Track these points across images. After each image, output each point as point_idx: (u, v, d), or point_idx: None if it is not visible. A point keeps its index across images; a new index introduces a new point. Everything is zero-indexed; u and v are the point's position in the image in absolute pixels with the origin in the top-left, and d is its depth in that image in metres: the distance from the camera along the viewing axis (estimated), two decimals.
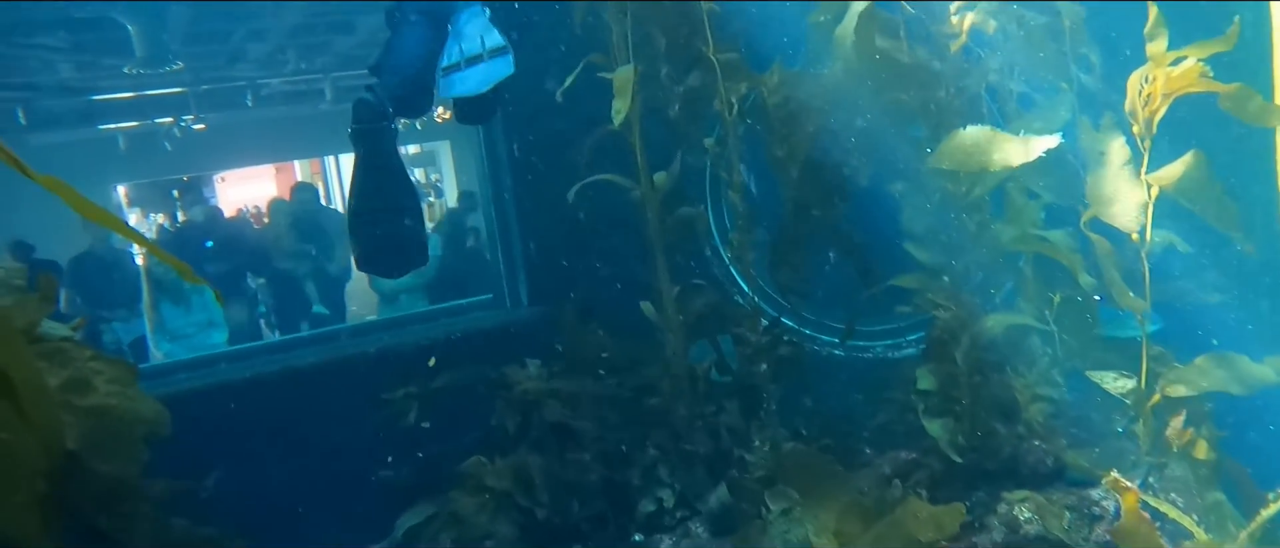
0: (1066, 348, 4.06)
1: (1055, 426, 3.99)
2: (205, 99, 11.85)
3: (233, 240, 8.25)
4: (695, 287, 4.57)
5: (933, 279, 3.90)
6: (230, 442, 4.55)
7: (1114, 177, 3.36)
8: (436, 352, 5.20)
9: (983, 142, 3.45)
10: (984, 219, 3.82)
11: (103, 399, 2.99)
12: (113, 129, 14.19)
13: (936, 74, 3.77)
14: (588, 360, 4.90)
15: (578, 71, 4.20)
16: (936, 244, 3.87)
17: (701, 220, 4.49)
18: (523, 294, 5.77)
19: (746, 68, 4.11)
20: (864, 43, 3.65)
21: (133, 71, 8.79)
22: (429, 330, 5.59)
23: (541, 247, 5.62)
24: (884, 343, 5.52)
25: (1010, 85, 4.09)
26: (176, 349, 6.95)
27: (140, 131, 14.33)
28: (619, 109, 3.86)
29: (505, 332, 5.53)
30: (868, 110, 3.85)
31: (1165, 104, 3.25)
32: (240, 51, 11.18)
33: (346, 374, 5.08)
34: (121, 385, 3.13)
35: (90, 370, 3.07)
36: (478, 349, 5.23)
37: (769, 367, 4.26)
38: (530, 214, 5.58)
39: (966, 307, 3.79)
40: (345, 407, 4.89)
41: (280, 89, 13.19)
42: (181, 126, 12.78)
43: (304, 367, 5.10)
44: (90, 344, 6.98)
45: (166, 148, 14.03)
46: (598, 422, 4.56)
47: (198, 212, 7.96)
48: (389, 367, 5.06)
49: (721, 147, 4.20)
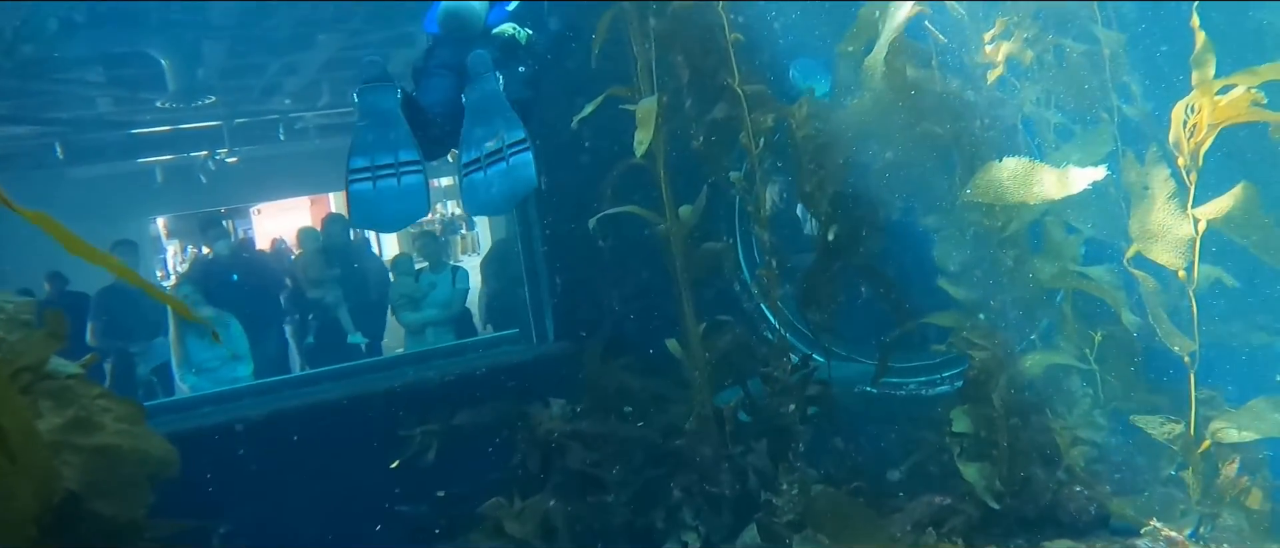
0: (1109, 389, 3.89)
1: (1098, 470, 3.81)
2: (239, 132, 11.96)
3: (259, 273, 8.25)
4: (722, 324, 4.44)
5: (968, 317, 3.74)
6: (248, 478, 4.52)
7: (1159, 211, 3.21)
8: (461, 387, 5.14)
9: (1021, 174, 3.32)
10: (1021, 254, 3.68)
11: (108, 438, 2.92)
12: (149, 162, 14.36)
13: (970, 104, 3.64)
14: (612, 398, 4.79)
15: (599, 102, 4.11)
16: (972, 281, 3.72)
17: (729, 255, 4.38)
18: (549, 329, 5.68)
19: (773, 99, 4.00)
20: (894, 73, 3.53)
21: (166, 105, 8.87)
22: (454, 365, 5.52)
23: (569, 281, 5.55)
24: (918, 380, 5.36)
25: (1047, 116, 3.96)
26: (201, 383, 6.92)
27: (176, 164, 14.48)
28: (641, 140, 3.78)
29: (532, 367, 5.44)
30: (899, 142, 3.72)
31: (1211, 135, 3.10)
32: (275, 85, 11.28)
33: (369, 410, 5.00)
34: (129, 424, 3.05)
35: (97, 409, 3.00)
36: (503, 385, 5.17)
37: (797, 407, 4.11)
38: (558, 249, 5.50)
39: (1003, 346, 3.63)
40: (366, 443, 4.83)
41: (314, 122, 13.29)
42: (216, 160, 12.90)
43: (325, 402, 5.03)
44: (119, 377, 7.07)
45: (202, 180, 14.16)
46: (622, 462, 4.43)
47: (222, 246, 7.93)
48: (412, 403, 4.99)
49: (748, 180, 4.08)
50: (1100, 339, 3.87)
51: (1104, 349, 3.82)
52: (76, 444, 2.83)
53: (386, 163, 4.17)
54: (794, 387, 4.14)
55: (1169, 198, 3.20)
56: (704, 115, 4.08)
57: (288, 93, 11.56)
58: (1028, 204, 3.37)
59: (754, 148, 3.98)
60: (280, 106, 12.02)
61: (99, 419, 2.99)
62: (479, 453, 4.89)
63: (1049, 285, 3.73)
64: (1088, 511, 3.63)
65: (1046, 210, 3.66)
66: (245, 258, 8.71)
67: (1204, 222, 3.16)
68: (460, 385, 5.14)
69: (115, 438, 2.96)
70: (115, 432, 3.01)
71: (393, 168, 4.18)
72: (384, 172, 4.16)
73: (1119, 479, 3.77)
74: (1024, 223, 3.69)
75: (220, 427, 4.75)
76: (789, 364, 4.16)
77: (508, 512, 4.08)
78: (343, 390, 5.21)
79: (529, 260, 5.75)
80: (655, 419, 4.65)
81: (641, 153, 3.80)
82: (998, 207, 3.59)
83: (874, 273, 4.26)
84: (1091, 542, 3.54)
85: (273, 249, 11.53)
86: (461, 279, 7.88)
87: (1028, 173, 3.30)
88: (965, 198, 3.49)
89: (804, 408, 4.16)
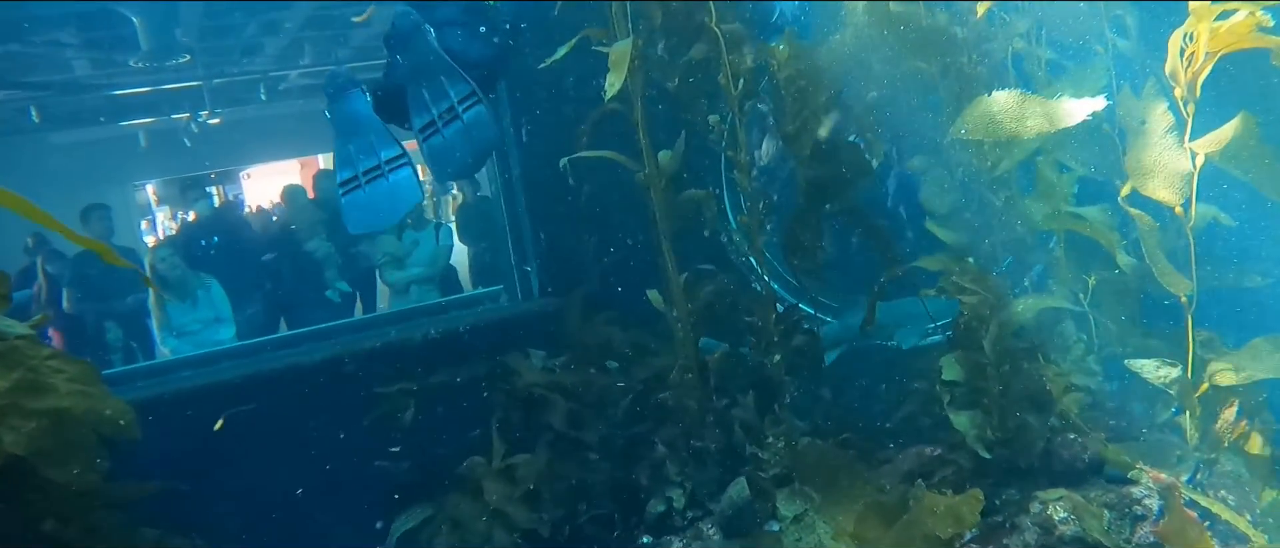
0: (1104, 333, 3.77)
1: (1093, 417, 3.71)
2: (220, 94, 11.72)
3: (242, 235, 8.09)
4: (705, 273, 4.30)
5: (957, 261, 3.61)
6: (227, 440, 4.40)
7: (1155, 146, 3.07)
8: (444, 346, 5.03)
9: (1012, 107, 3.15)
10: (1012, 195, 3.53)
11: (59, 401, 2.80)
12: (132, 126, 14.13)
13: (957, 39, 3.47)
14: (595, 352, 4.68)
15: (572, 45, 3.94)
16: (961, 223, 3.58)
17: (711, 204, 4.23)
18: (535, 285, 5.56)
19: (752, 38, 3.83)
20: (877, 7, 3.36)
21: (139, 65, 8.65)
22: (437, 324, 5.39)
23: (553, 235, 5.40)
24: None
25: (1038, 52, 3.80)
26: (182, 346, 6.80)
27: (160, 128, 14.24)
28: (613, 83, 3.61)
29: (517, 324, 5.31)
30: (883, 80, 3.56)
31: (1210, 63, 2.94)
32: (255, 45, 11.04)
33: (351, 370, 4.88)
34: (83, 385, 2.93)
35: (49, 369, 2.88)
36: (489, 342, 5.01)
37: (784, 357, 3.99)
38: (541, 202, 5.35)
39: (994, 290, 3.50)
40: (348, 404, 4.72)
41: (297, 83, 13.05)
42: (199, 122, 12.66)
43: (306, 364, 4.91)
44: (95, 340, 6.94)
45: (186, 144, 13.93)
46: (604, 417, 4.32)
47: (203, 208, 7.77)
48: (394, 362, 4.87)
49: (729, 124, 3.92)
50: (1094, 282, 3.74)
51: (1098, 292, 3.70)
52: (24, 408, 2.72)
53: (371, 166, 4.21)
54: (779, 338, 4.01)
55: (1166, 132, 3.05)
56: (680, 57, 3.91)
57: (268, 53, 11.33)
58: (1020, 140, 3.23)
59: (733, 90, 3.81)
60: (261, 67, 11.78)
61: (50, 381, 2.87)
62: (460, 410, 4.81)
63: (1041, 227, 3.59)
64: (1081, 458, 3.53)
65: (1038, 149, 3.52)
66: (228, 220, 8.53)
67: (1202, 156, 3.01)
68: (443, 344, 5.02)
69: (67, 401, 2.85)
70: (68, 394, 2.89)
71: (378, 169, 4.22)
72: (371, 175, 4.20)
73: (1114, 426, 3.67)
74: (1015, 162, 3.55)
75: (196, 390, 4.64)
76: (774, 314, 4.02)
77: (486, 471, 3.97)
78: (322, 352, 5.09)
79: (512, 215, 5.60)
80: (639, 372, 4.54)
81: (612, 95, 3.63)
82: (987, 145, 3.45)
83: (860, 217, 4.12)
84: (1086, 490, 3.43)
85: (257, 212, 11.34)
86: (445, 236, 7.73)
87: (1020, 106, 3.14)
88: (954, 134, 3.33)
89: (790, 359, 4.04)
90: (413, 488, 4.48)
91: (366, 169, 4.21)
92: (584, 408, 4.27)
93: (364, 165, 4.22)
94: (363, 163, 4.22)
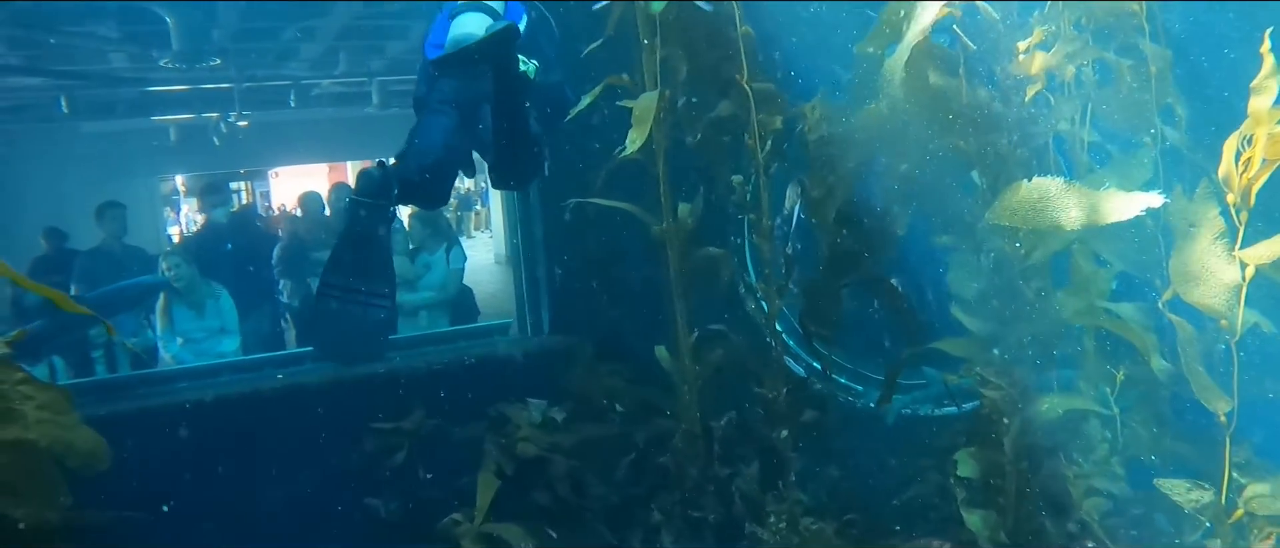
0: (1131, 437, 3.56)
1: (1114, 526, 3.49)
2: (249, 97, 11.73)
3: (256, 245, 7.99)
4: (717, 334, 4.14)
5: (982, 350, 3.42)
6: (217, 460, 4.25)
7: (1204, 252, 2.87)
8: (449, 377, 4.88)
9: (1054, 196, 2.95)
10: (1044, 286, 3.34)
11: (23, 432, 2.67)
12: (163, 121, 14.19)
13: (998, 118, 3.30)
14: (599, 405, 4.51)
15: (596, 94, 3.81)
16: (988, 311, 3.39)
17: (727, 262, 4.07)
18: (544, 321, 5.40)
19: (783, 98, 3.68)
20: (917, 79, 3.20)
21: (169, 65, 8.64)
22: (442, 353, 5.25)
23: (568, 272, 5.25)
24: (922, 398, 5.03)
25: (1082, 134, 3.62)
26: (185, 354, 6.70)
27: (191, 124, 14.31)
28: (634, 139, 3.47)
29: (524, 360, 5.16)
30: (916, 154, 3.39)
31: (1267, 172, 2.75)
32: (291, 50, 11.05)
33: (349, 395, 4.73)
34: (54, 413, 2.80)
35: (19, 396, 2.75)
36: (493, 376, 4.89)
37: (792, 433, 3.81)
38: (558, 237, 5.21)
39: (1019, 386, 3.31)
40: (341, 432, 4.56)
41: (329, 90, 13.06)
42: (228, 122, 12.69)
43: (304, 385, 4.77)
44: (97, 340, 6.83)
45: (215, 142, 13.97)
46: (603, 478, 4.15)
47: (220, 214, 7.69)
48: (396, 390, 4.70)
49: (752, 185, 3.77)
50: (1124, 381, 3.54)
51: (1128, 393, 3.49)
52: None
53: (358, 288, 4.13)
54: (789, 412, 3.83)
55: (1216, 238, 2.85)
56: (707, 113, 3.77)
57: (303, 59, 11.34)
58: (1059, 230, 3.02)
59: (759, 151, 3.66)
60: (291, 73, 11.79)
61: (18, 408, 2.74)
62: (456, 450, 4.66)
63: (1073, 322, 3.39)
64: None
65: (1075, 240, 3.33)
66: (242, 228, 8.44)
67: (1252, 267, 2.82)
68: (446, 376, 4.88)
69: (33, 432, 2.71)
70: (36, 422, 2.76)
71: (363, 295, 4.14)
72: (354, 296, 4.12)
73: (1136, 538, 3.45)
74: (1049, 251, 3.36)
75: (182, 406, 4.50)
76: (785, 387, 3.84)
77: (467, 531, 3.80)
78: (321, 374, 4.95)
79: (527, 247, 5.45)
80: (641, 431, 4.37)
81: (633, 150, 3.49)
82: (1022, 232, 3.26)
83: (883, 289, 3.94)
84: None
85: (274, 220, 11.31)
86: (456, 258, 7.56)
87: (1063, 195, 2.95)
88: (991, 219, 3.15)
89: (798, 435, 3.86)
90: (399, 529, 4.33)
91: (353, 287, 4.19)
92: (583, 468, 4.10)
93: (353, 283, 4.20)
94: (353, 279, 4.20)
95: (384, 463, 4.30)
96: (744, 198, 3.79)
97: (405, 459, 4.27)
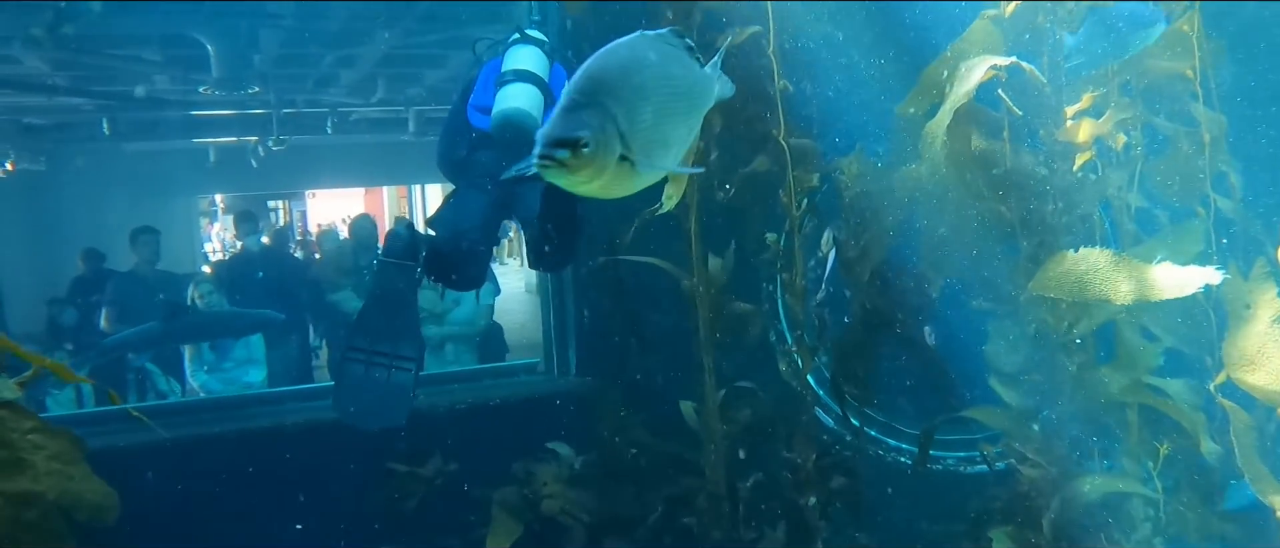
0: (1177, 519, 3.39)
1: None
2: (287, 122, 11.82)
3: (286, 274, 7.99)
4: (744, 391, 4.02)
5: (1020, 424, 3.28)
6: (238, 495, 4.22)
7: (1260, 335, 2.73)
8: (473, 417, 4.80)
9: (1103, 269, 2.84)
10: (1087, 361, 3.20)
11: (31, 484, 2.61)
12: (203, 142, 14.35)
13: (1043, 184, 3.18)
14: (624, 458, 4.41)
15: None
16: (1028, 386, 3.26)
17: (756, 319, 3.97)
18: (571, 362, 5.31)
19: (819, 156, 3.58)
20: (959, 142, 3.10)
21: (209, 92, 8.71)
22: (466, 392, 5.19)
23: (596, 314, 5.16)
24: (956, 456, 4.88)
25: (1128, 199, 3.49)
26: (212, 382, 6.69)
27: (229, 147, 14.47)
28: (671, 195, 3.38)
29: (549, 402, 5.08)
30: (955, 218, 3.27)
31: None
32: (330, 77, 11.12)
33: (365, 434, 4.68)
34: (63, 464, 2.75)
35: (29, 445, 2.70)
36: (517, 417, 4.85)
37: (820, 500, 3.68)
38: (588, 278, 5.13)
39: (1059, 463, 3.16)
40: (363, 468, 4.50)
41: (365, 116, 13.14)
42: (266, 146, 12.80)
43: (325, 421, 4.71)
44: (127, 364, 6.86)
45: (253, 165, 14.11)
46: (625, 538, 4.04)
47: (252, 242, 7.70)
48: (418, 428, 4.59)
49: (786, 244, 3.67)
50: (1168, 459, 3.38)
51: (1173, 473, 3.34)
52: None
53: (384, 351, 4.01)
54: (818, 478, 3.70)
55: (1274, 321, 2.71)
56: (741, 168, 3.68)
57: (342, 84, 11.42)
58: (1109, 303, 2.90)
59: (795, 209, 3.56)
60: (328, 100, 11.87)
61: (28, 458, 2.69)
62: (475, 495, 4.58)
63: (1118, 398, 3.25)
64: None
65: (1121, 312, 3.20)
66: (273, 257, 8.46)
67: None
68: (470, 416, 4.80)
69: (41, 483, 2.66)
70: (45, 473, 2.70)
71: (388, 358, 4.01)
72: (379, 359, 3.99)
73: None
74: (1094, 323, 3.22)
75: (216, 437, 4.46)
76: (814, 452, 3.72)
77: None
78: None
79: (557, 285, 5.38)
80: (666, 488, 4.26)
81: (670, 207, 3.41)
82: (1065, 304, 3.14)
83: (919, 351, 3.83)
84: None
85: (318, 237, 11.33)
86: (486, 294, 7.49)
87: (1113, 268, 2.83)
88: (1034, 290, 3.03)
89: (827, 501, 3.73)
90: None
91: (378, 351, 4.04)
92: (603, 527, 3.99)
93: (379, 346, 4.03)
94: (380, 342, 4.04)
95: (400, 506, 4.21)
96: (777, 255, 3.68)
97: (422, 503, 4.17)
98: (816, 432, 3.84)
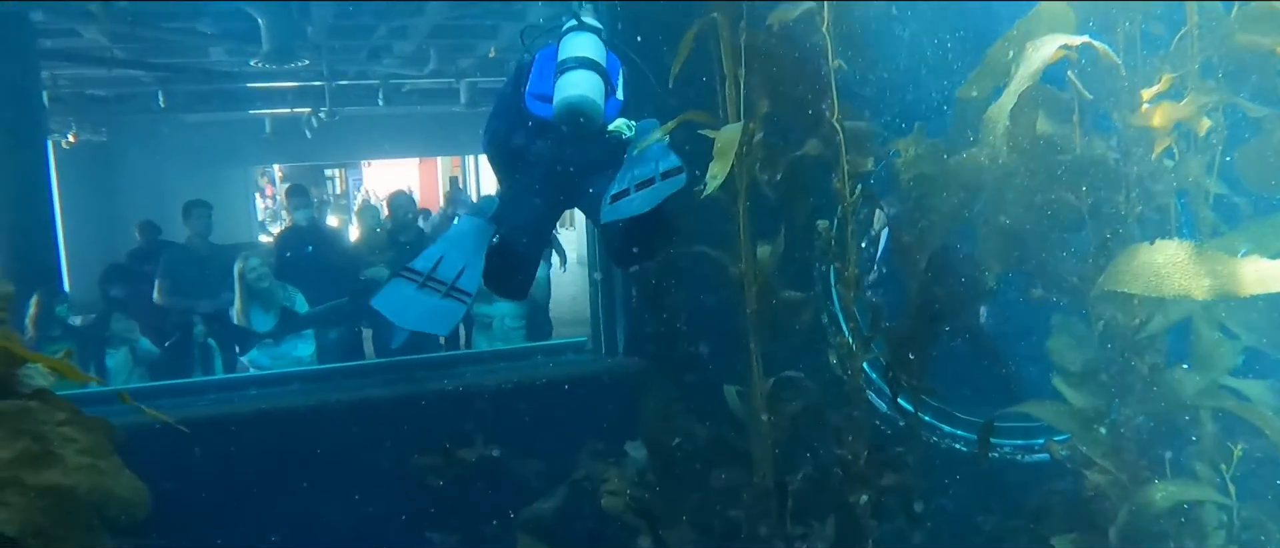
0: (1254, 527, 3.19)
1: None
2: (338, 94, 11.88)
3: (336, 249, 7.98)
4: (793, 381, 3.89)
5: (1086, 427, 3.10)
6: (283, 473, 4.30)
7: None
8: (521, 396, 4.75)
9: (1182, 262, 2.63)
10: (1159, 361, 3.00)
11: (62, 477, 2.58)
12: (259, 114, 14.51)
13: (1115, 172, 2.97)
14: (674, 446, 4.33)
15: (673, 126, 3.58)
16: (1095, 386, 3.07)
17: (808, 307, 3.82)
18: (620, 341, 5.23)
19: (875, 139, 3.41)
20: (1023, 128, 2.90)
21: (258, 65, 8.75)
22: (514, 371, 5.14)
23: (645, 294, 5.06)
24: (1013, 443, 4.70)
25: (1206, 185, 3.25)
26: (261, 357, 6.72)
27: (286, 117, 14.62)
28: (717, 173, 3.24)
29: (596, 381, 5.03)
30: (1016, 207, 3.08)
31: None
32: (382, 47, 11.14)
33: (419, 411, 4.66)
34: (94, 457, 2.72)
35: (60, 437, 2.67)
36: (565, 397, 4.82)
37: (871, 497, 3.55)
38: None
39: (1129, 470, 2.98)
40: (411, 449, 4.52)
41: (419, 87, 13.15)
42: (319, 117, 12.90)
43: (374, 399, 4.71)
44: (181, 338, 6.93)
45: (307, 135, 14.24)
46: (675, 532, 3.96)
47: (302, 216, 7.69)
48: (467, 407, 4.69)
49: (839, 231, 3.51)
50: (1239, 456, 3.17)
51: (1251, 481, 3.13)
52: (22, 482, 2.50)
53: (442, 279, 3.83)
54: (870, 475, 3.56)
55: None
56: (792, 150, 3.52)
57: (394, 55, 11.43)
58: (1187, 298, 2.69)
59: (848, 195, 3.39)
60: (379, 71, 11.89)
61: (59, 451, 2.66)
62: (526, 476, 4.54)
63: (1193, 401, 3.04)
64: None
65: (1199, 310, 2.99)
66: (322, 233, 8.46)
67: None
68: (517, 395, 4.78)
69: (71, 477, 2.63)
70: (76, 468, 2.67)
71: (445, 286, 3.82)
72: (435, 284, 3.80)
73: None
74: (1169, 321, 3.02)
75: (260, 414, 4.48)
76: (866, 448, 3.58)
77: None
78: (388, 390, 4.88)
79: (606, 263, 5.29)
80: (715, 476, 4.16)
81: (714, 189, 3.27)
82: (1138, 299, 2.94)
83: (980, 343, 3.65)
84: None
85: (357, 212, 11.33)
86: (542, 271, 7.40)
87: (1194, 261, 2.63)
88: (1105, 285, 2.83)
89: (879, 498, 3.59)
90: None
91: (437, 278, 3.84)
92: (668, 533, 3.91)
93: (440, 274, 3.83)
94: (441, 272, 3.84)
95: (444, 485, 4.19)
96: (829, 243, 3.53)
97: (465, 485, 4.14)
98: (868, 423, 3.68)
